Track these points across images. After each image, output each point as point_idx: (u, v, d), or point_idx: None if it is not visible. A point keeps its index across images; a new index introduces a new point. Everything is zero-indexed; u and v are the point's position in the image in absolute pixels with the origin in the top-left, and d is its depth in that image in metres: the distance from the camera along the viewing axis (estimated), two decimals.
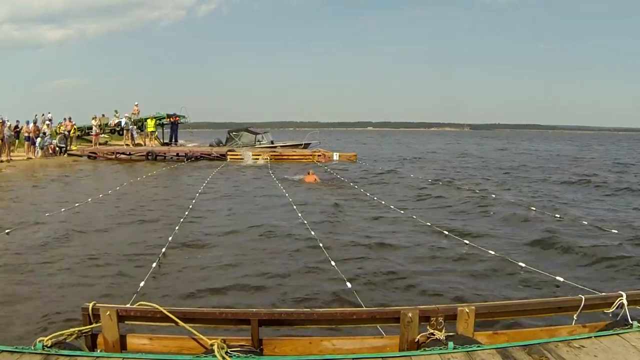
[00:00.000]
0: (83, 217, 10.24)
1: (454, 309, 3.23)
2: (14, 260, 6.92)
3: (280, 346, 3.27)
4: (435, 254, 7.55)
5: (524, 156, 35.12)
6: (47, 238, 8.28)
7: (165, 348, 3.21)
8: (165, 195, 13.97)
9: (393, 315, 3.23)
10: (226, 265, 6.88)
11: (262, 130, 32.14)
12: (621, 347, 2.94)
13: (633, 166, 25.68)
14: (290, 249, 7.74)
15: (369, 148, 43.99)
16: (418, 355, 2.92)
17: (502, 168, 23.88)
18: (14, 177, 17.57)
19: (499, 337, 3.36)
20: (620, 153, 41.21)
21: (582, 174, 20.16)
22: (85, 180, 17.74)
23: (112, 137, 31.37)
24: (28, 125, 23.02)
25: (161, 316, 3.17)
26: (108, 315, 3.11)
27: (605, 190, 15.33)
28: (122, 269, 6.59)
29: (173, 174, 20.09)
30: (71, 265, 6.79)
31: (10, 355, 2.82)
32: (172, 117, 29.47)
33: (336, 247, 7.69)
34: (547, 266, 6.64)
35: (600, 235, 8.70)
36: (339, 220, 10.11)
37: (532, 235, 8.77)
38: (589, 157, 33.92)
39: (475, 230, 9.21)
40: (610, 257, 7.20)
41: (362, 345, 3.29)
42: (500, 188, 15.63)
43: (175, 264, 6.91)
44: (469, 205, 12.10)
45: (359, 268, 6.68)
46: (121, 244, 7.98)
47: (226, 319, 3.26)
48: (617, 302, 3.42)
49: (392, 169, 22.08)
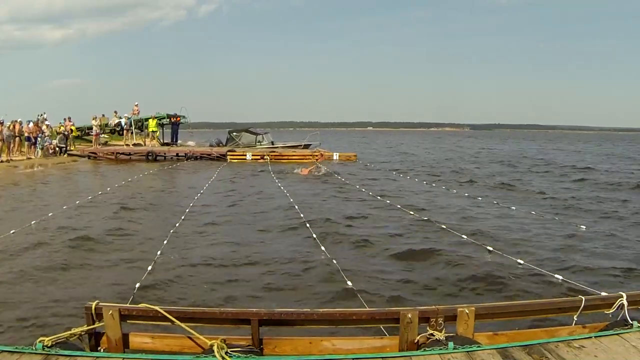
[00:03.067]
0: (83, 216, 10.26)
1: (453, 310, 3.23)
2: (14, 259, 6.92)
3: (280, 346, 3.28)
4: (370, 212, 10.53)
5: (452, 153, 37.61)
6: (51, 235, 8.35)
7: (167, 347, 3.24)
8: (170, 190, 14.96)
9: (393, 316, 3.24)
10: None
11: (263, 131, 32.23)
12: (621, 348, 2.95)
13: (523, 163, 27.33)
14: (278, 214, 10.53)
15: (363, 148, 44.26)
16: (418, 356, 2.93)
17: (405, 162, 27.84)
18: (14, 177, 17.58)
19: (499, 338, 3.37)
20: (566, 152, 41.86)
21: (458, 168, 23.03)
22: (85, 180, 17.77)
23: (112, 137, 31.37)
24: (28, 125, 23.02)
25: (162, 316, 3.19)
26: (110, 315, 3.15)
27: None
28: (121, 268, 6.60)
29: (175, 173, 20.50)
30: (71, 264, 6.79)
31: (10, 355, 2.82)
32: (173, 117, 29.48)
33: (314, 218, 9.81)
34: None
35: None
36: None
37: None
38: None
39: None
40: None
41: (362, 345, 3.29)
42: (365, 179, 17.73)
43: (175, 259, 7.06)
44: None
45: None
46: (121, 244, 7.99)
47: (226, 318, 3.27)
48: (617, 302, 3.43)
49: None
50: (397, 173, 20.36)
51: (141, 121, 29.35)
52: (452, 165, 25.00)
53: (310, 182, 16.74)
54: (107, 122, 29.52)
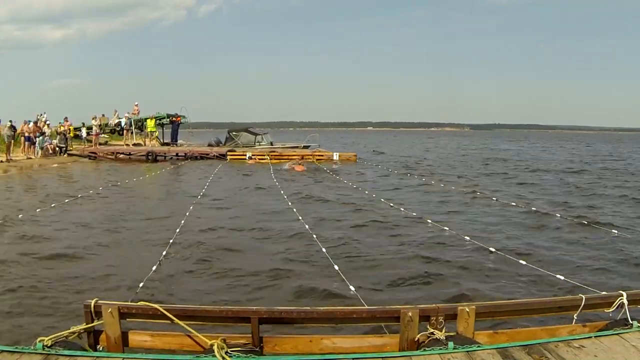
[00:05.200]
0: (83, 215, 10.27)
1: (454, 309, 3.23)
2: (14, 259, 6.92)
3: (280, 344, 3.27)
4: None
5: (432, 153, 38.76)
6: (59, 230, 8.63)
7: (167, 345, 3.22)
8: (174, 189, 15.61)
9: (393, 314, 3.24)
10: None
11: (262, 131, 32.24)
12: (621, 347, 2.94)
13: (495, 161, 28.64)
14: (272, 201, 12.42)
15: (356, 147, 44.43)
16: (418, 355, 2.92)
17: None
18: (14, 177, 17.57)
19: (499, 337, 3.36)
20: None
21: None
22: (85, 180, 17.74)
23: (112, 137, 31.34)
24: (28, 125, 22.98)
25: (161, 314, 3.17)
26: (110, 312, 3.13)
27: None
28: (121, 268, 6.60)
29: (176, 172, 20.69)
30: (71, 263, 6.79)
31: (10, 355, 2.81)
32: (173, 117, 29.46)
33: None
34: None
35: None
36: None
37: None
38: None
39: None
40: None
41: (362, 343, 3.29)
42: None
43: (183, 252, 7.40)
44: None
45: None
46: (123, 242, 7.99)
47: (226, 317, 3.26)
48: (617, 301, 3.42)
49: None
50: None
51: (141, 121, 29.33)
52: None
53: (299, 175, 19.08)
54: (107, 122, 29.51)
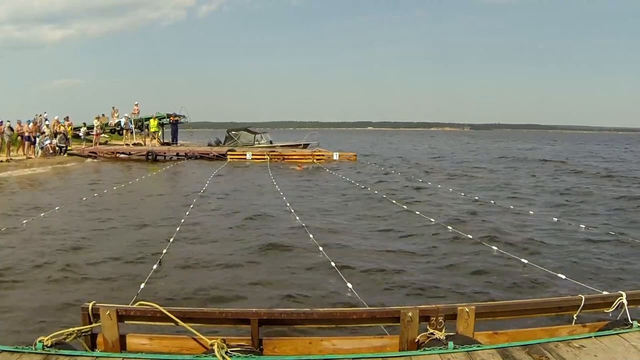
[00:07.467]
0: (83, 214, 10.28)
1: (454, 309, 3.22)
2: (14, 258, 6.92)
3: (280, 346, 3.27)
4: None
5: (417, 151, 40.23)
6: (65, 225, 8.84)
7: (165, 348, 3.20)
8: (175, 187, 16.04)
9: (393, 315, 3.23)
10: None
11: (261, 130, 32.29)
12: (621, 347, 2.94)
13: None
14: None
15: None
16: (418, 355, 2.92)
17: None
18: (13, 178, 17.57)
19: (499, 337, 3.36)
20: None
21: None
22: (85, 179, 17.75)
23: (112, 137, 31.32)
24: (28, 125, 22.96)
25: (161, 316, 3.16)
26: (108, 315, 3.10)
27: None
28: (121, 268, 6.60)
29: (177, 171, 20.89)
30: (72, 261, 6.78)
31: (10, 355, 2.81)
32: (173, 117, 29.45)
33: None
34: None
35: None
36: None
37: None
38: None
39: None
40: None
41: (362, 344, 3.28)
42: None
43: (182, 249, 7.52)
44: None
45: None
46: (122, 242, 7.98)
47: (226, 318, 3.25)
48: (617, 301, 3.42)
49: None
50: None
51: (141, 121, 29.31)
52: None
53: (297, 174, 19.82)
54: (107, 121, 29.48)
